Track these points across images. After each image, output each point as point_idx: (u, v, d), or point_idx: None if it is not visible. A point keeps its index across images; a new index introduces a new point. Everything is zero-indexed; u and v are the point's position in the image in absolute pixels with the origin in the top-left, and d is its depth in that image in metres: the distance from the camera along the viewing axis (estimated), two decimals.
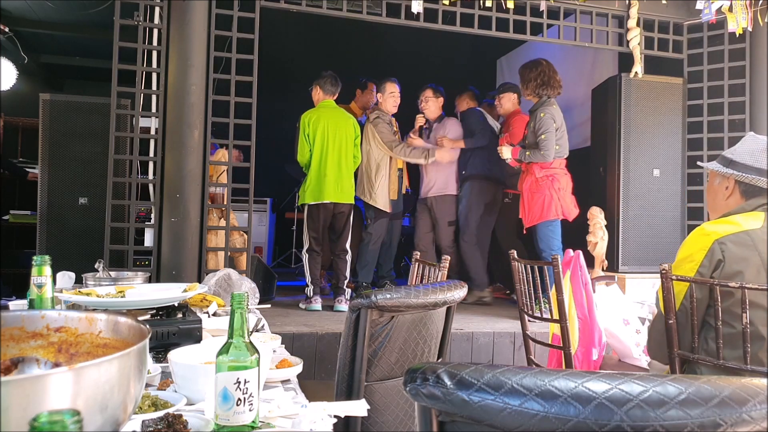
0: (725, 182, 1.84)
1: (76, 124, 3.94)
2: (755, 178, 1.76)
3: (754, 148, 1.78)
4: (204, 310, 2.01)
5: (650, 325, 1.90)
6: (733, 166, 1.81)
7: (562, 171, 4.06)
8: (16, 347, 0.91)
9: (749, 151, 1.78)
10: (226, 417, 0.94)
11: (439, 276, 2.34)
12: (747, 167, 1.77)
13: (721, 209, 1.85)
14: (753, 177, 1.76)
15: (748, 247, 1.67)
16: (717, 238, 1.69)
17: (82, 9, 4.85)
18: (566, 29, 4.29)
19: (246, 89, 3.69)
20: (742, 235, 1.69)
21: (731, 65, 4.30)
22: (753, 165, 1.77)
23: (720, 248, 1.68)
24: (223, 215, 3.98)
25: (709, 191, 1.93)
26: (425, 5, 3.88)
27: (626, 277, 4.15)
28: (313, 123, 4.12)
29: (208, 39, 3.57)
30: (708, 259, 1.70)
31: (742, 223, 1.71)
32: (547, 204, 3.95)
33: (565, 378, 0.64)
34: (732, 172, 1.79)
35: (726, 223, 1.74)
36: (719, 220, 1.78)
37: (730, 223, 1.73)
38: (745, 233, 1.69)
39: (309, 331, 3.33)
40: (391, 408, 1.59)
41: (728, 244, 1.68)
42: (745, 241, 1.68)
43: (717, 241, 1.69)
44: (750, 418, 0.62)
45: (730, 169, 1.80)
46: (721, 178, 1.85)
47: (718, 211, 1.86)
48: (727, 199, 1.83)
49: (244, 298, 0.99)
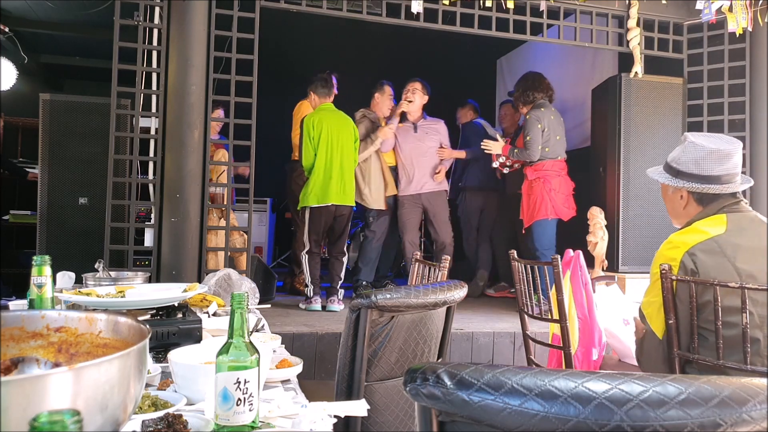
0: (678, 192, 1.84)
1: (76, 124, 3.94)
2: (705, 186, 1.76)
3: (697, 156, 1.77)
4: (204, 310, 2.01)
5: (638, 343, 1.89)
6: (681, 176, 1.81)
7: (555, 172, 4.23)
8: (16, 347, 0.91)
9: (693, 160, 1.78)
10: (226, 417, 0.94)
11: (439, 276, 2.34)
12: (694, 176, 1.78)
13: (682, 217, 1.86)
14: (703, 186, 1.76)
15: (717, 254, 1.68)
16: (686, 249, 1.70)
17: (82, 9, 4.85)
18: (566, 29, 4.29)
19: (246, 89, 3.69)
20: (710, 243, 1.69)
21: (731, 65, 4.30)
22: (699, 173, 1.77)
23: (691, 259, 1.69)
24: (223, 215, 3.99)
25: (665, 200, 1.93)
26: (425, 5, 3.87)
27: (626, 277, 4.15)
28: (316, 126, 4.11)
29: (208, 39, 3.57)
30: (682, 272, 1.70)
31: (708, 230, 1.72)
32: (539, 204, 4.17)
33: (565, 378, 0.64)
34: (682, 184, 1.80)
35: (691, 232, 1.75)
36: (685, 230, 1.79)
37: (695, 232, 1.73)
38: (712, 240, 1.69)
39: (309, 331, 3.33)
40: (391, 408, 1.59)
41: (698, 254, 1.69)
42: (714, 249, 1.69)
43: (687, 253, 1.70)
44: (750, 418, 0.62)
45: (680, 180, 1.81)
46: (673, 189, 1.85)
47: (680, 219, 1.87)
48: (684, 208, 1.84)
49: (244, 298, 0.99)
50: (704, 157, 1.76)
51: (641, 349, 1.85)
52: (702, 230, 1.72)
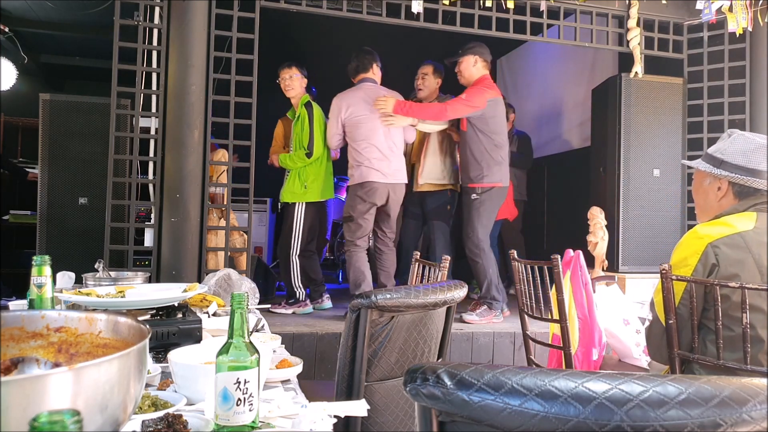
0: (716, 183, 1.80)
1: (76, 124, 3.94)
2: (750, 179, 1.73)
3: (746, 148, 1.74)
4: (204, 310, 2.01)
5: (647, 329, 1.88)
6: (724, 167, 1.76)
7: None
8: (16, 347, 0.91)
9: (741, 152, 1.75)
10: (226, 417, 0.94)
11: (439, 276, 2.34)
12: (740, 168, 1.74)
13: (713, 210, 1.82)
14: (748, 178, 1.73)
15: (742, 250, 1.65)
16: (710, 241, 1.67)
17: (82, 9, 4.85)
18: (566, 29, 4.29)
19: (246, 89, 3.69)
20: (736, 238, 1.66)
21: (731, 65, 4.30)
22: (746, 166, 1.73)
23: (714, 252, 1.66)
24: (223, 215, 3.98)
25: (698, 192, 1.88)
26: (425, 5, 3.88)
27: (626, 277, 4.15)
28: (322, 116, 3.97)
29: (208, 39, 3.57)
30: (702, 264, 1.67)
31: (736, 225, 1.68)
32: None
33: (565, 378, 0.64)
34: (726, 173, 1.75)
35: (719, 224, 1.71)
36: (712, 222, 1.75)
37: (723, 225, 1.70)
38: (738, 235, 1.66)
39: (309, 331, 3.34)
40: (391, 408, 1.59)
41: (722, 247, 1.65)
42: (739, 244, 1.65)
43: (710, 245, 1.67)
44: (750, 418, 0.62)
45: (723, 170, 1.76)
46: (712, 179, 1.81)
47: (710, 212, 1.83)
48: (720, 200, 1.80)
49: (244, 298, 0.99)
50: (754, 150, 1.73)
51: (649, 333, 1.85)
52: (730, 224, 1.69)
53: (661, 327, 1.78)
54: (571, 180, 5.69)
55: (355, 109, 3.87)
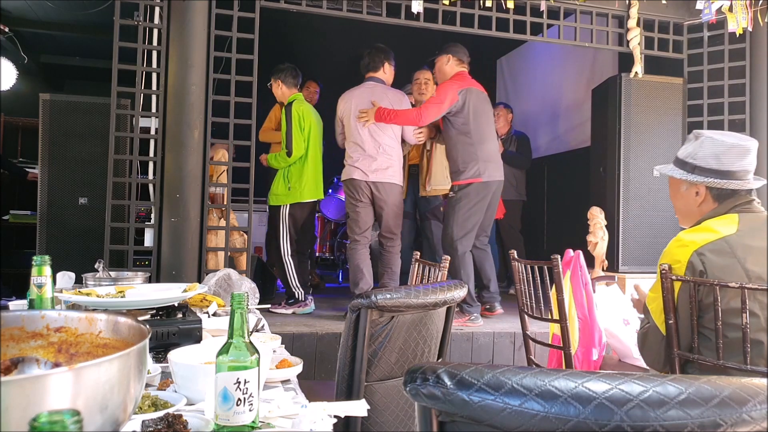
0: (694, 188, 1.78)
1: (76, 124, 3.94)
2: (726, 182, 1.71)
3: (717, 151, 1.72)
4: (204, 310, 2.01)
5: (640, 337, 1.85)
6: (698, 171, 1.75)
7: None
8: (16, 347, 0.91)
9: (712, 155, 1.73)
10: (226, 417, 0.94)
11: (439, 276, 2.34)
12: (713, 171, 1.72)
13: (694, 216, 1.80)
14: (724, 181, 1.71)
15: (728, 255, 1.63)
16: (695, 248, 1.66)
17: (82, 9, 4.85)
18: (566, 29, 4.29)
19: (246, 89, 3.69)
20: (721, 243, 1.64)
21: (731, 65, 4.30)
22: (719, 169, 1.72)
23: (700, 259, 1.65)
24: (223, 215, 3.98)
25: (676, 198, 1.86)
26: (425, 5, 3.87)
27: (626, 277, 4.15)
28: (305, 115, 3.95)
29: (208, 39, 3.57)
30: (690, 272, 1.66)
31: (719, 230, 1.67)
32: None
33: (565, 378, 0.64)
34: (702, 179, 1.74)
35: (703, 230, 1.70)
36: (695, 228, 1.74)
37: (707, 231, 1.69)
38: (723, 240, 1.65)
39: (309, 331, 3.34)
40: (391, 408, 1.59)
41: (707, 254, 1.64)
42: (724, 249, 1.64)
43: (696, 252, 1.65)
44: (750, 418, 0.62)
45: (697, 175, 1.75)
46: (688, 185, 1.79)
47: (692, 217, 1.81)
48: (699, 205, 1.78)
49: (244, 298, 0.99)
50: (725, 152, 1.71)
51: (644, 341, 1.82)
52: (713, 229, 1.68)
53: (660, 335, 1.75)
54: (571, 180, 5.69)
55: (346, 108, 3.91)
